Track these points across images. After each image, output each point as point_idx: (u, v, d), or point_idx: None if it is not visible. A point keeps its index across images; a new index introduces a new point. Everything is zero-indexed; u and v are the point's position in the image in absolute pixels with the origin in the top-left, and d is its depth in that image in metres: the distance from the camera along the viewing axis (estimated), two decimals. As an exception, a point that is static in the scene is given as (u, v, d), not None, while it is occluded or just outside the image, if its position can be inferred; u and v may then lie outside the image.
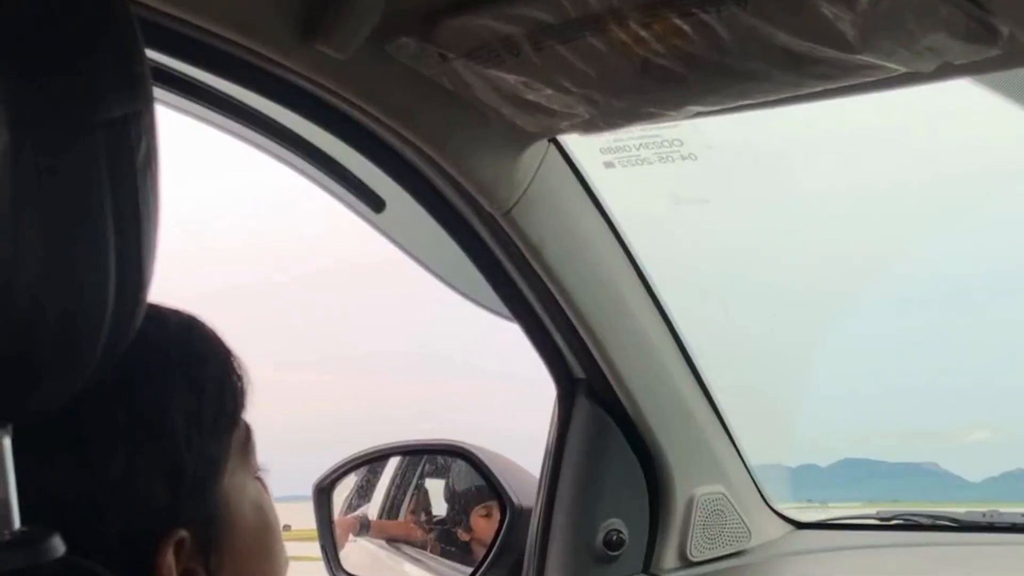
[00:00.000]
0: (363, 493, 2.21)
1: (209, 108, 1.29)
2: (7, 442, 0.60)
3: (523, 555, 1.76)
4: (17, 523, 0.61)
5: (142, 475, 0.70)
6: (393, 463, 2.17)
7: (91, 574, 0.61)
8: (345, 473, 1.96)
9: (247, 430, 0.81)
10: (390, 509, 2.17)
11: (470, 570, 1.84)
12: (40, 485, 0.64)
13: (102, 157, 0.55)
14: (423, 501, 2.15)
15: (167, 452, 0.72)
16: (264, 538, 0.81)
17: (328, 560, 1.88)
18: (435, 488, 2.15)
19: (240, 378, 0.80)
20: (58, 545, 0.61)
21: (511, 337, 1.62)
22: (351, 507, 2.19)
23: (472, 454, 1.87)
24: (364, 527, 2.16)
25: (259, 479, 0.83)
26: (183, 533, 0.72)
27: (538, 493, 1.74)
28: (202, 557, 0.74)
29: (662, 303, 1.63)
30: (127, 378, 0.70)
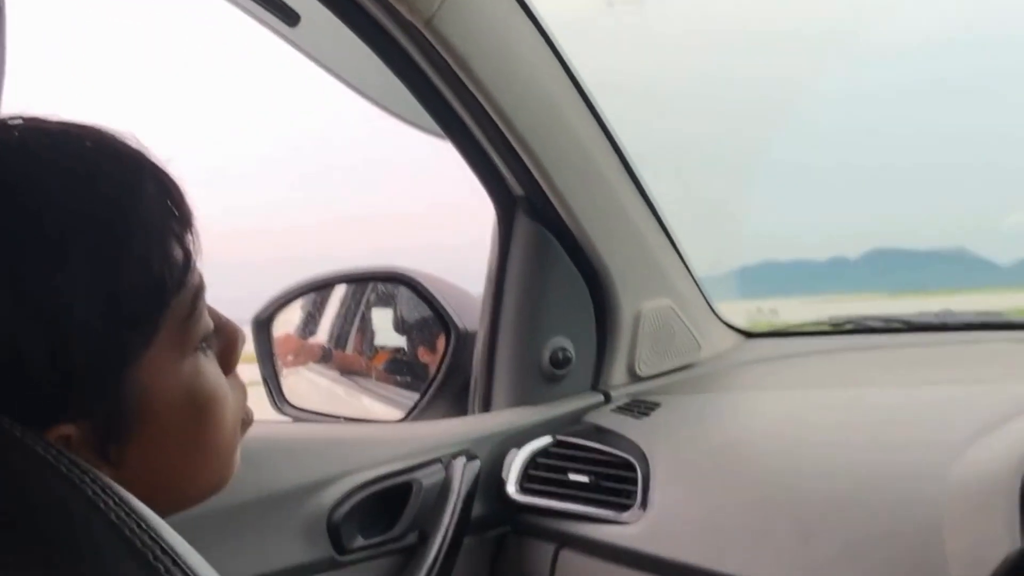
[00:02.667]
0: (309, 324, 2.18)
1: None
2: None
3: (470, 378, 1.74)
4: None
5: (25, 361, 0.62)
6: (337, 294, 2.13)
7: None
8: (285, 303, 1.92)
9: (194, 297, 0.71)
10: (337, 340, 2.13)
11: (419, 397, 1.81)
12: None
13: None
14: (370, 331, 2.12)
15: (54, 331, 0.63)
16: (192, 425, 0.73)
17: (271, 393, 1.84)
18: (383, 317, 2.12)
19: (185, 245, 0.70)
20: None
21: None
22: (303, 335, 2.16)
23: (413, 280, 1.83)
24: (326, 357, 2.13)
25: (205, 344, 0.74)
26: (67, 430, 0.64)
27: (481, 315, 1.71)
28: (98, 450, 0.67)
29: (600, 114, 1.57)
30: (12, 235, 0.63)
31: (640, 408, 1.65)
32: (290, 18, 1.38)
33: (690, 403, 1.68)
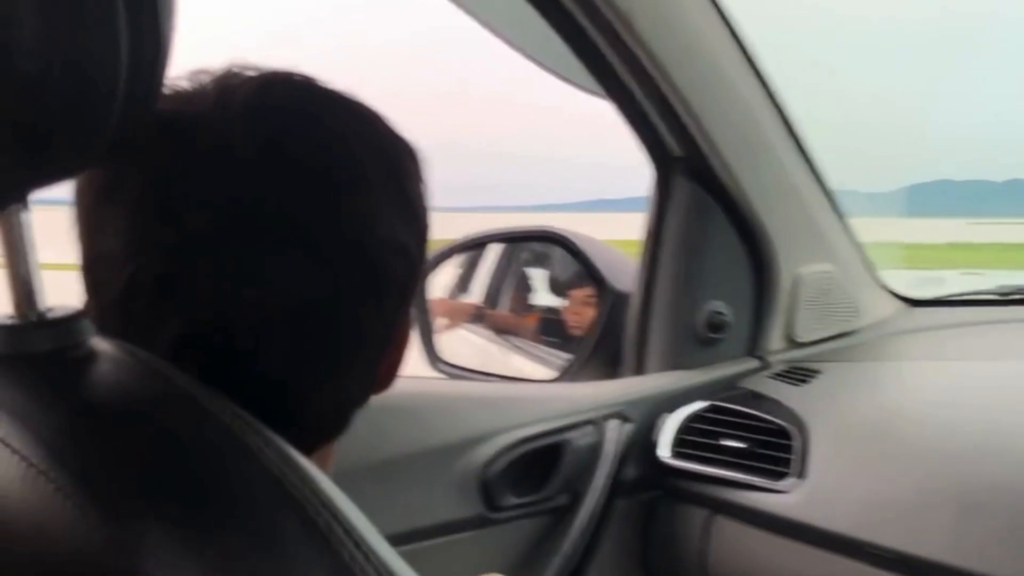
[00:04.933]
0: (462, 284, 2.19)
1: None
2: (27, 218, 0.56)
3: (623, 341, 1.73)
4: (44, 304, 0.57)
5: (410, 242, 0.68)
6: (490, 254, 2.14)
7: (134, 359, 0.57)
8: (439, 262, 1.93)
9: None
10: (491, 299, 2.14)
11: (573, 358, 1.81)
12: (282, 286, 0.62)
13: None
14: (525, 290, 2.12)
15: (417, 219, 0.70)
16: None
17: (426, 350, 1.86)
18: (537, 276, 2.12)
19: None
20: (88, 326, 0.57)
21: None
22: (456, 297, 2.18)
23: (568, 239, 1.82)
24: (479, 317, 2.14)
25: None
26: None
27: (637, 276, 1.69)
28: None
29: (762, 72, 1.53)
30: (404, 150, 0.69)
31: (799, 375, 1.61)
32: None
33: (850, 371, 1.64)
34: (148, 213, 0.62)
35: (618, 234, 1.85)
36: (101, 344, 0.58)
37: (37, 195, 0.56)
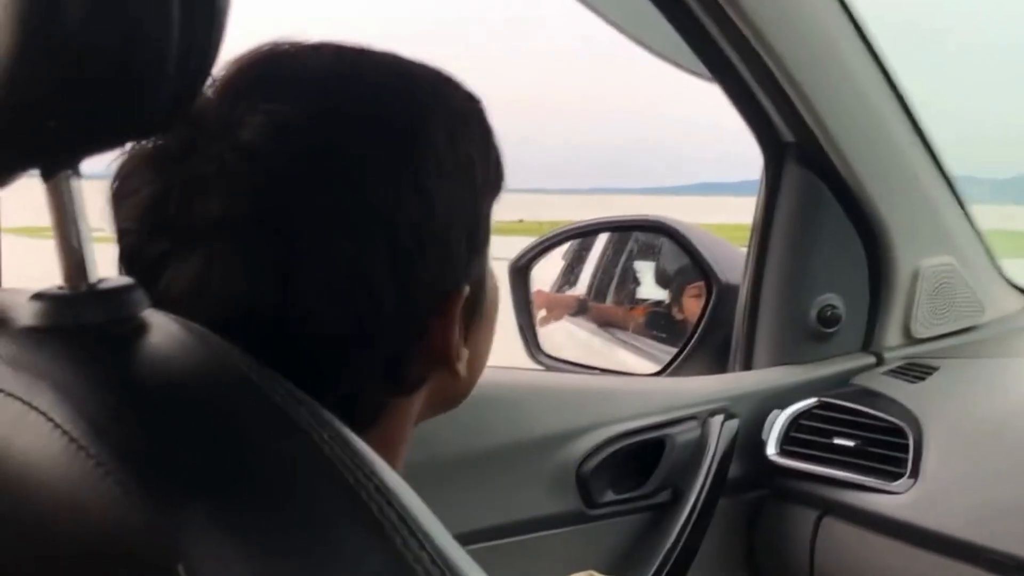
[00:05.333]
0: (565, 275, 2.15)
1: None
2: (77, 185, 0.54)
3: (731, 334, 1.67)
4: (96, 275, 0.55)
5: (455, 221, 0.67)
6: (596, 243, 2.09)
7: (187, 333, 0.55)
8: (542, 252, 1.89)
9: None
10: (595, 291, 2.10)
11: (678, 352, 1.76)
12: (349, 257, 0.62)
13: None
14: (631, 282, 2.07)
15: (471, 202, 0.68)
16: (495, 309, 0.80)
17: (527, 341, 1.83)
18: (645, 268, 2.07)
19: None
20: (141, 298, 0.55)
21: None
22: (561, 288, 2.14)
23: (674, 229, 1.76)
24: (582, 309, 2.10)
25: None
26: (468, 290, 0.69)
27: (745, 267, 1.63)
28: (467, 317, 0.72)
29: (879, 53, 1.45)
30: (452, 118, 0.68)
31: (915, 372, 1.53)
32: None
33: (970, 369, 1.56)
34: (192, 180, 0.62)
35: (731, 218, 1.78)
36: (155, 316, 0.55)
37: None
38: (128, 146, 0.64)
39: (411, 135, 0.65)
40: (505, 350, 1.05)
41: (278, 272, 0.61)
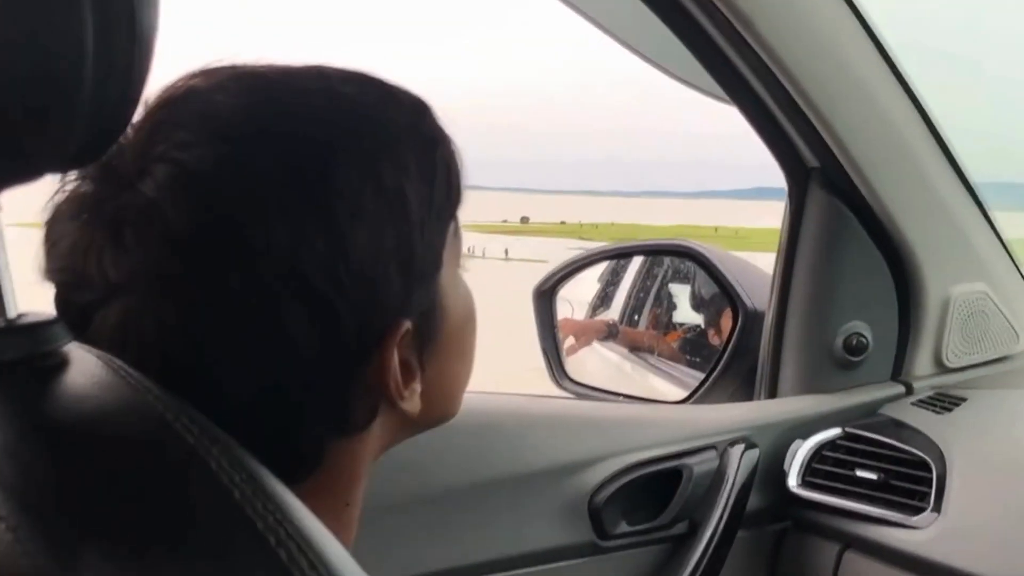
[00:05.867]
0: (605, 297, 2.13)
1: None
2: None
3: (758, 361, 1.64)
4: (15, 310, 0.54)
5: (381, 257, 0.65)
6: (633, 267, 2.07)
7: (106, 370, 0.54)
8: (567, 276, 1.87)
9: (456, 220, 0.76)
10: (630, 315, 2.07)
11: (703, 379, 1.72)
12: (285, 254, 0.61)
13: None
14: (664, 307, 2.05)
15: (403, 234, 0.66)
16: (466, 334, 0.78)
17: (551, 367, 1.80)
18: (678, 293, 2.04)
19: (459, 166, 0.74)
20: (63, 333, 0.54)
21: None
22: (596, 310, 2.12)
23: (700, 254, 1.74)
24: (612, 334, 2.08)
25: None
26: (408, 324, 0.67)
27: (770, 293, 1.60)
28: (417, 350, 0.70)
29: (903, 74, 1.41)
30: (369, 155, 0.66)
31: (943, 402, 1.49)
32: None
33: (1000, 400, 1.51)
34: (103, 233, 0.62)
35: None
36: (77, 352, 0.55)
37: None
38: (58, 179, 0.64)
39: (319, 179, 0.63)
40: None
41: (185, 332, 0.61)
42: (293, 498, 0.52)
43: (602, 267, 2.09)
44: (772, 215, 1.78)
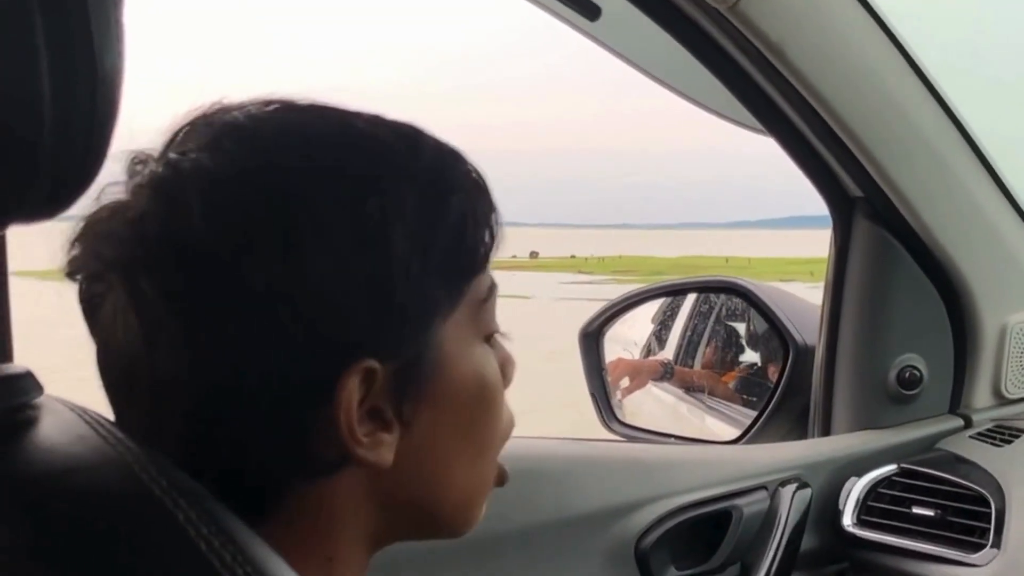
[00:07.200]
0: (659, 337, 2.10)
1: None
2: None
3: (810, 398, 1.60)
4: None
5: (347, 288, 0.62)
6: (686, 306, 2.04)
7: (77, 422, 0.53)
8: (613, 317, 1.84)
9: (490, 289, 0.72)
10: (684, 354, 2.04)
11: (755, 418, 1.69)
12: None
13: None
14: (722, 344, 2.01)
15: (380, 271, 0.63)
16: (474, 405, 0.71)
17: (599, 409, 1.78)
18: (733, 331, 2.01)
19: (492, 230, 0.71)
20: (34, 385, 0.54)
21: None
22: (650, 351, 2.09)
23: (748, 290, 1.71)
24: (668, 374, 2.05)
25: (490, 345, 0.73)
26: (373, 363, 0.63)
27: (820, 328, 1.56)
28: (395, 400, 0.65)
29: (944, 97, 1.38)
30: (355, 186, 0.64)
31: (1003, 435, 1.44)
32: (590, 12, 1.30)
33: (1063, 429, 1.46)
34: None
35: (818, 251, 1.70)
36: (50, 404, 0.54)
37: None
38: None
39: (290, 200, 0.62)
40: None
41: (146, 338, 0.60)
42: (266, 550, 0.50)
43: (655, 307, 2.06)
44: (810, 243, 1.75)
